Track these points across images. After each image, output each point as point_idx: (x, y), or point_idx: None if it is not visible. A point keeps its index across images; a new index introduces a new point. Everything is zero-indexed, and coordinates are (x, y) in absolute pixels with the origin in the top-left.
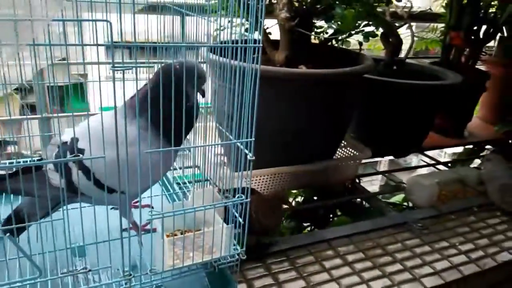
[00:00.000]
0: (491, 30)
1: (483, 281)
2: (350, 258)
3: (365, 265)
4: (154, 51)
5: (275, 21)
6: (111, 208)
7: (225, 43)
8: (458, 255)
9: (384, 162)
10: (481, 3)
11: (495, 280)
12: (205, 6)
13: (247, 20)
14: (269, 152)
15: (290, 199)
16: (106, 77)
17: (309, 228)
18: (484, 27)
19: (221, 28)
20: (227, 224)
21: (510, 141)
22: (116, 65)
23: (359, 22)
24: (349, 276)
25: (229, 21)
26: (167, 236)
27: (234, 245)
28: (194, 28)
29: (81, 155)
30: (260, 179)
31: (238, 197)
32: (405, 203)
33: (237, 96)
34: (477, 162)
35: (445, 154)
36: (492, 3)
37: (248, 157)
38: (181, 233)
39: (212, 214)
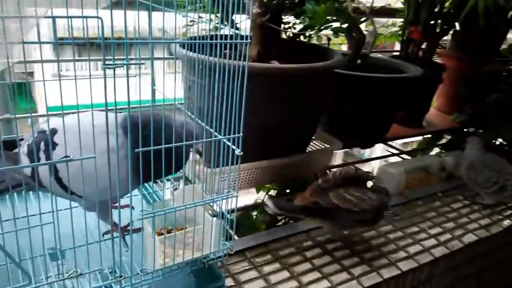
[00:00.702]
0: (446, 24)
1: (452, 261)
2: (329, 247)
3: (344, 252)
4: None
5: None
6: None
7: (211, 38)
8: (428, 239)
9: (339, 154)
10: None
11: (462, 260)
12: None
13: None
14: (244, 147)
15: (263, 193)
16: (53, 75)
17: (283, 221)
18: (440, 22)
19: (192, 23)
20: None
21: (465, 130)
22: (107, 62)
23: (328, 17)
24: (330, 264)
25: (200, 17)
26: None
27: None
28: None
29: (70, 156)
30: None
31: (227, 193)
32: None
33: (221, 93)
34: (436, 150)
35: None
36: None
37: (236, 152)
38: (167, 232)
39: (197, 211)
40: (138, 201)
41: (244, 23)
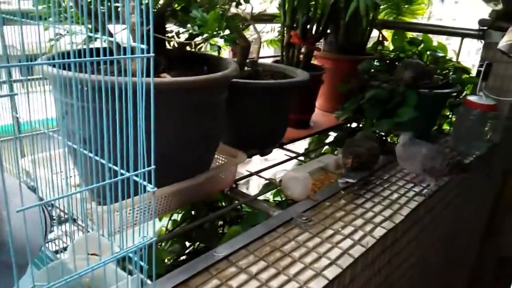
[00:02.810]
0: (321, 27)
1: (367, 258)
2: (254, 269)
3: (270, 273)
4: None
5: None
6: None
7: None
8: (344, 240)
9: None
10: (310, 3)
11: (375, 255)
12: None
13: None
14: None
15: (166, 220)
16: None
17: (191, 247)
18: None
19: (59, 36)
20: (131, 273)
21: (348, 125)
22: None
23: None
24: None
25: (66, 30)
26: None
27: None
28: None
29: None
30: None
31: (142, 238)
32: (277, 199)
33: (115, 117)
34: (325, 148)
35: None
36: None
37: (149, 188)
38: None
39: (107, 267)
40: None
41: (120, 34)
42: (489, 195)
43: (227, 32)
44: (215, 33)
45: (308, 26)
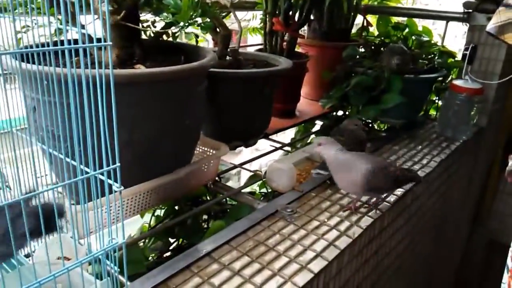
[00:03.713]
0: (303, 14)
1: (354, 249)
2: (237, 265)
3: (254, 268)
4: None
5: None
6: None
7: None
8: (330, 231)
9: None
10: None
11: (362, 245)
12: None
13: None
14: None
15: (149, 216)
16: None
17: (175, 244)
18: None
19: (26, 28)
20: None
21: (334, 113)
22: None
23: (193, 13)
24: (242, 286)
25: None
26: None
27: None
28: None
29: None
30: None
31: (110, 241)
32: (263, 190)
33: (79, 112)
34: (311, 137)
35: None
36: None
37: (115, 187)
38: None
39: (73, 272)
40: None
41: (93, 24)
42: (476, 180)
43: (205, 20)
44: (190, 21)
45: (291, 13)
